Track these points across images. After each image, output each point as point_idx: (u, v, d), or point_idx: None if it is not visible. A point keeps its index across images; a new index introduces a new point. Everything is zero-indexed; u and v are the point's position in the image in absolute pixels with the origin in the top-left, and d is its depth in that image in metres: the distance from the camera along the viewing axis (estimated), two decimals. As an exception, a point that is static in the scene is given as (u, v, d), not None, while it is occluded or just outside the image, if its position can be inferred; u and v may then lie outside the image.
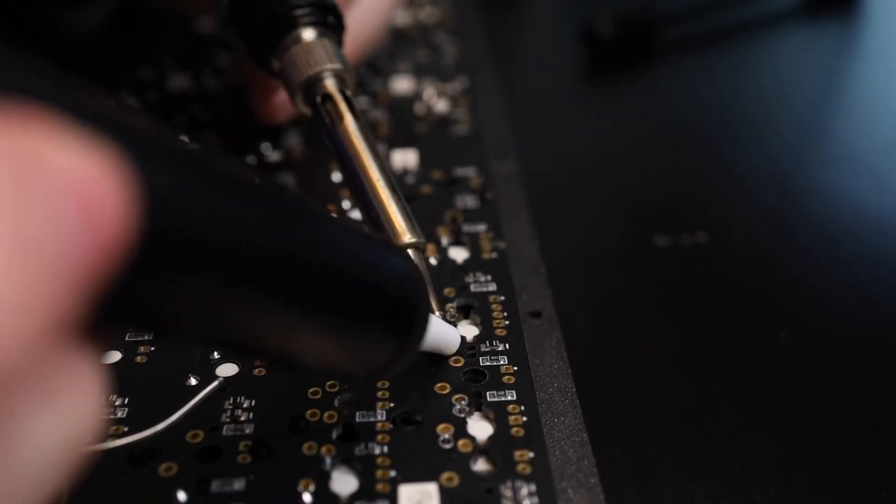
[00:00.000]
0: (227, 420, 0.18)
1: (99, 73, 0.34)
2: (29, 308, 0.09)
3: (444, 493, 0.16)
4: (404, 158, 0.27)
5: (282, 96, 0.26)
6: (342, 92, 0.23)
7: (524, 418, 0.18)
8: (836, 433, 0.21)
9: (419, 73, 0.33)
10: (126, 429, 0.18)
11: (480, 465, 0.17)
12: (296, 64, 0.23)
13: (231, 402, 0.19)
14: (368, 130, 0.22)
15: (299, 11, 0.23)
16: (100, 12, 0.38)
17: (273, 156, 0.28)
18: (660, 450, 0.20)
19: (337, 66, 0.23)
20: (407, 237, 0.20)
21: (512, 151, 0.28)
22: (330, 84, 0.23)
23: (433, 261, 0.23)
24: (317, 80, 0.23)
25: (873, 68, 0.40)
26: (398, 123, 0.30)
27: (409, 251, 0.20)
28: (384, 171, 0.21)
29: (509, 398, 0.18)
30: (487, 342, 0.20)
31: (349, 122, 0.22)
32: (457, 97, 0.31)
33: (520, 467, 0.17)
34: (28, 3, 0.37)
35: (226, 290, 0.11)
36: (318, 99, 0.23)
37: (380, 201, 0.21)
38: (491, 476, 0.17)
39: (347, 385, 0.19)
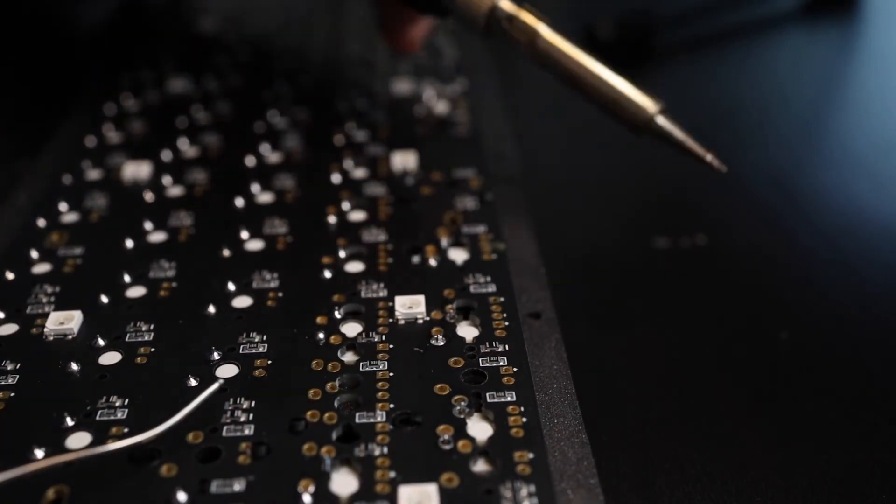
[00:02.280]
0: (227, 421, 0.18)
1: (99, 73, 0.34)
2: None
3: (444, 493, 0.16)
4: (404, 160, 0.27)
5: (420, 26, 0.28)
6: (520, 4, 0.24)
7: (524, 419, 0.18)
8: (836, 434, 0.21)
9: (419, 74, 0.33)
10: (126, 429, 0.18)
11: (480, 466, 0.17)
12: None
13: (231, 402, 0.19)
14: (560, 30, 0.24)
15: None
16: (100, 14, 0.38)
17: (273, 157, 0.28)
18: (659, 451, 0.20)
19: None
20: (653, 106, 0.23)
21: (511, 153, 0.28)
22: (507, 4, 0.24)
23: (433, 262, 0.23)
24: (494, 6, 0.24)
25: (873, 68, 0.40)
26: (398, 125, 0.30)
27: (659, 117, 0.23)
28: (597, 59, 0.24)
29: (509, 399, 0.18)
30: (487, 343, 0.20)
31: (545, 30, 0.24)
32: (457, 99, 0.31)
33: (519, 468, 0.17)
34: (28, 3, 0.37)
35: None
36: (504, 24, 0.24)
37: (614, 88, 0.23)
38: (491, 477, 0.17)
39: None
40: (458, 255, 0.23)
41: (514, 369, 0.19)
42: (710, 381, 0.22)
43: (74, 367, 0.20)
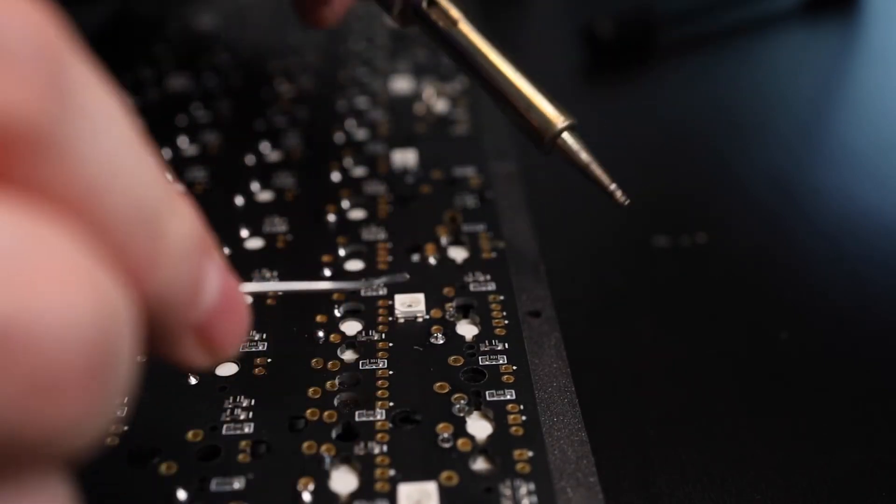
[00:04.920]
0: (227, 419, 0.18)
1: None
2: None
3: (444, 492, 0.16)
4: (404, 158, 0.27)
5: (333, 4, 0.27)
6: None
7: (523, 417, 0.18)
8: (835, 434, 0.21)
9: (419, 72, 0.33)
10: (126, 428, 0.18)
11: (480, 465, 0.17)
12: None
13: (231, 401, 0.19)
14: (479, 28, 0.23)
15: None
16: (100, 15, 0.38)
17: (273, 156, 0.28)
18: (659, 450, 0.20)
19: None
20: (561, 121, 0.21)
21: (511, 151, 0.28)
22: None
23: (432, 260, 0.23)
24: None
25: (873, 68, 0.40)
26: (398, 123, 0.30)
27: (566, 134, 0.21)
28: (511, 63, 0.22)
29: (508, 397, 0.18)
30: (487, 342, 0.20)
31: (464, 22, 0.23)
32: (456, 97, 0.31)
33: (519, 466, 0.17)
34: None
35: None
36: (424, 5, 0.23)
37: (523, 94, 0.22)
38: (490, 475, 0.17)
39: None
40: (458, 254, 0.23)
41: (514, 368, 0.19)
42: (710, 381, 0.22)
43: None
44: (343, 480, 0.17)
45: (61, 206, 0.10)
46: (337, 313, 0.21)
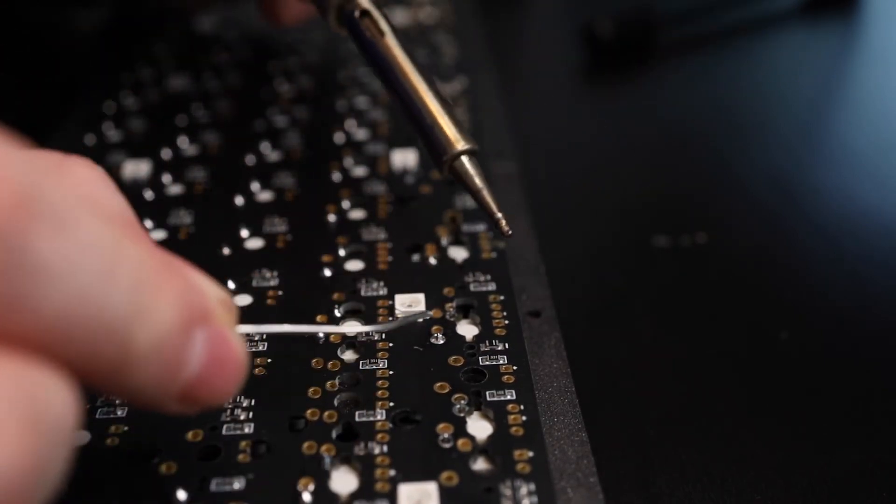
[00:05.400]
0: (227, 419, 0.18)
1: (99, 72, 0.34)
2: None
3: (444, 492, 0.16)
4: (404, 158, 0.27)
5: (291, 6, 0.28)
6: (378, 7, 0.23)
7: (523, 417, 0.18)
8: (835, 434, 0.21)
9: (419, 73, 0.33)
10: (126, 428, 0.18)
11: (480, 465, 0.17)
12: None
13: (231, 401, 0.19)
14: (406, 45, 0.23)
15: None
16: (100, 15, 0.38)
17: (273, 156, 0.28)
18: (659, 450, 0.20)
19: None
20: (461, 144, 0.21)
21: (511, 152, 0.28)
22: (365, 0, 0.23)
23: (433, 260, 0.23)
24: None
25: (873, 68, 0.40)
26: (398, 123, 0.30)
27: (464, 158, 0.21)
28: (431, 82, 0.22)
29: (509, 397, 0.18)
30: (487, 342, 0.20)
31: (390, 36, 0.23)
32: (456, 97, 0.31)
33: (519, 466, 0.17)
34: (29, 4, 0.37)
35: None
36: (357, 14, 0.23)
37: (430, 113, 0.22)
38: (490, 475, 0.17)
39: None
40: (458, 254, 0.23)
41: (514, 368, 0.19)
42: (710, 381, 0.22)
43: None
44: (343, 480, 0.17)
45: (11, 341, 0.11)
46: (337, 313, 0.21)
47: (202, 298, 0.13)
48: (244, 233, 0.24)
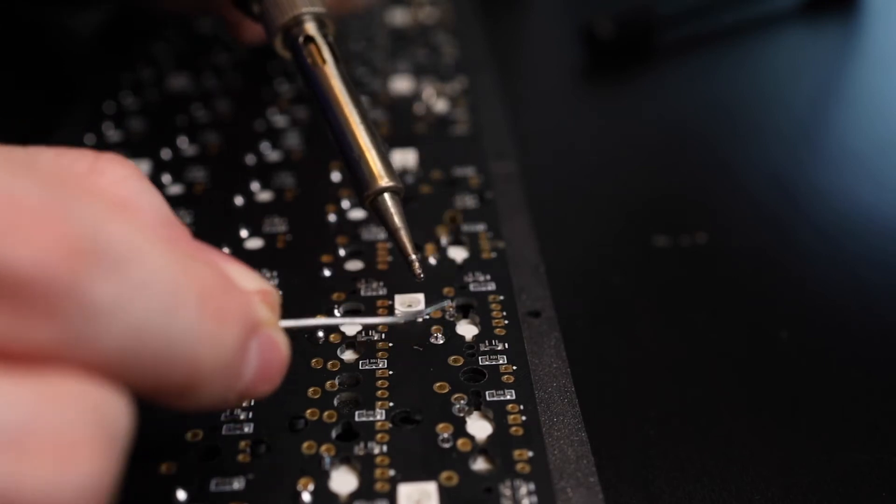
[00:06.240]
0: (227, 419, 0.18)
1: (99, 73, 0.34)
2: None
3: (444, 492, 0.16)
4: (404, 158, 0.27)
5: (250, 26, 0.28)
6: (324, 35, 0.23)
7: (523, 417, 0.18)
8: (835, 434, 0.21)
9: (419, 73, 0.33)
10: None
11: (479, 465, 0.17)
12: (277, 5, 0.23)
13: (230, 401, 0.19)
14: (349, 76, 0.23)
15: None
16: (100, 16, 0.38)
17: (273, 156, 0.28)
18: (659, 449, 0.20)
19: (318, 9, 0.23)
20: (384, 181, 0.21)
21: (511, 151, 0.28)
22: (311, 27, 0.23)
23: (433, 260, 0.23)
24: (298, 22, 0.23)
25: (873, 68, 0.40)
26: (397, 123, 0.30)
27: (386, 195, 0.21)
28: (364, 115, 0.22)
29: (508, 397, 0.18)
30: (487, 342, 0.20)
31: (331, 65, 0.22)
32: (456, 97, 0.31)
33: (519, 466, 0.17)
34: (29, 5, 0.37)
35: None
36: (301, 40, 0.23)
37: (358, 145, 0.21)
38: (490, 475, 0.17)
39: None
40: (458, 254, 0.23)
41: (514, 368, 0.19)
42: (710, 380, 0.22)
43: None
44: (343, 480, 0.17)
45: (81, 363, 0.11)
46: (337, 313, 0.21)
47: (255, 309, 0.14)
48: (244, 233, 0.24)
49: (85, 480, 0.11)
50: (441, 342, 0.20)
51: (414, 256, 0.20)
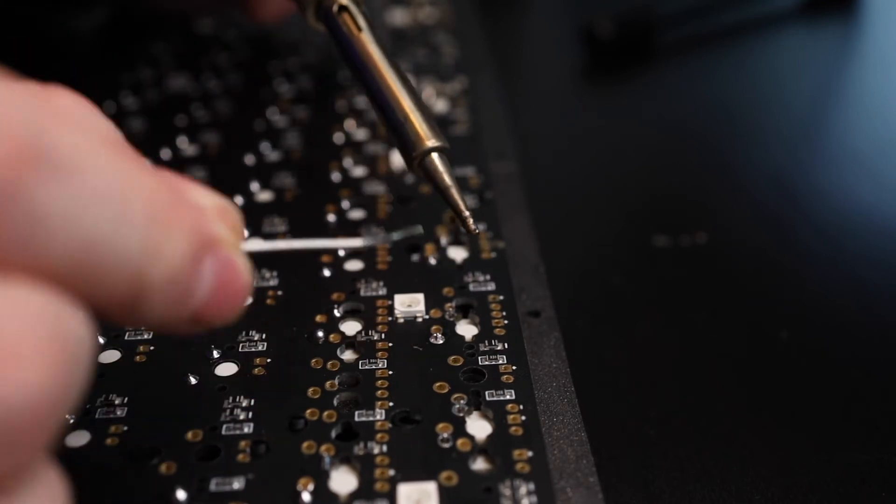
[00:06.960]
0: (227, 419, 0.18)
1: (99, 73, 0.34)
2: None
3: (443, 492, 0.16)
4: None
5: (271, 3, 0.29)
6: (357, 3, 0.23)
7: (523, 417, 0.18)
8: (835, 434, 0.21)
9: (418, 73, 0.33)
10: (126, 428, 0.18)
11: (479, 464, 0.17)
12: None
13: (230, 401, 0.19)
14: (384, 42, 0.23)
15: None
16: (99, 16, 0.38)
17: (272, 155, 0.28)
18: (659, 450, 0.20)
19: None
20: (431, 142, 0.21)
21: (511, 152, 0.28)
22: None
23: (433, 260, 0.23)
24: None
25: (873, 68, 0.40)
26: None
27: (434, 155, 0.21)
28: (405, 79, 0.22)
29: (508, 397, 0.18)
30: (486, 341, 0.20)
31: (367, 32, 0.23)
32: (456, 97, 0.31)
33: (518, 466, 0.17)
34: (28, 6, 0.37)
35: None
36: (335, 9, 0.23)
37: (402, 109, 0.21)
38: (490, 475, 0.17)
39: None
40: (458, 254, 0.23)
41: (514, 367, 0.19)
42: (710, 380, 0.22)
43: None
44: (343, 480, 0.17)
45: (29, 272, 0.11)
46: (337, 313, 0.21)
47: (210, 225, 0.13)
48: (244, 233, 0.24)
49: (32, 390, 0.10)
50: (441, 342, 0.20)
51: (467, 213, 0.21)
